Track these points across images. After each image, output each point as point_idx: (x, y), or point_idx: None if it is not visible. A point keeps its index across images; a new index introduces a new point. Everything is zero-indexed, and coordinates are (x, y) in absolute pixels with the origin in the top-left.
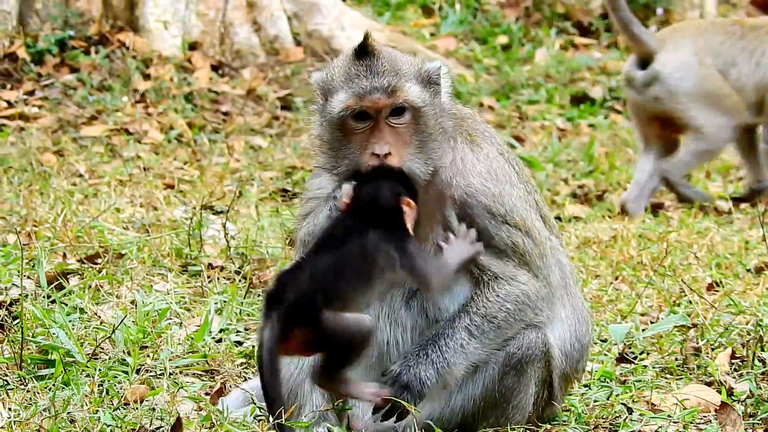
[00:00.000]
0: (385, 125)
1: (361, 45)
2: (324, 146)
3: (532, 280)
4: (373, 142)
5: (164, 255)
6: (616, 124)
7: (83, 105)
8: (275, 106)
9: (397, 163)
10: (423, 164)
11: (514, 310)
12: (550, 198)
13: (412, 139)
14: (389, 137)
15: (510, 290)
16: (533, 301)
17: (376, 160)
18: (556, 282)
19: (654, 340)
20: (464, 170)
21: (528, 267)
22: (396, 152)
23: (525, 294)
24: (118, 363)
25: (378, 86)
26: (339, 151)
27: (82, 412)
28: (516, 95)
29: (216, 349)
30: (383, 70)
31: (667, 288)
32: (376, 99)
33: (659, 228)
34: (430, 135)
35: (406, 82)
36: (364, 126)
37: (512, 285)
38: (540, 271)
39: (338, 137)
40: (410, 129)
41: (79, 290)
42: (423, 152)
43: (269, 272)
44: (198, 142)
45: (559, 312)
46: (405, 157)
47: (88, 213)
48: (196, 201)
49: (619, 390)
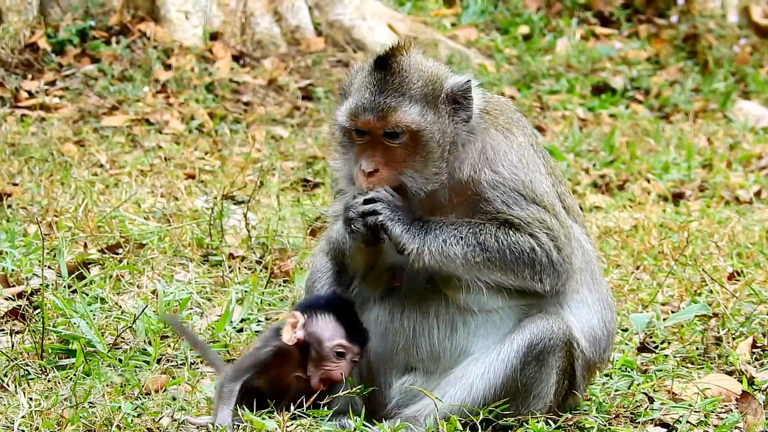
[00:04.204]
0: (379, 143)
1: (382, 57)
2: (335, 144)
3: (549, 245)
4: (364, 158)
5: (185, 245)
6: (636, 114)
7: (104, 95)
8: (296, 96)
9: (383, 182)
10: (419, 181)
11: (513, 258)
12: (571, 188)
13: (410, 159)
14: (380, 156)
15: (520, 238)
16: (538, 263)
17: (364, 177)
18: (578, 265)
19: (675, 330)
20: (494, 159)
21: (552, 239)
22: (386, 170)
23: (533, 250)
24: (139, 353)
25: (372, 108)
26: (344, 154)
27: (103, 401)
28: (537, 85)
29: (237, 338)
30: (389, 88)
31: (688, 277)
32: (367, 120)
33: (680, 217)
34: (430, 154)
35: (406, 106)
36: (362, 140)
37: (525, 237)
38: (563, 246)
39: (343, 142)
40: (407, 149)
41: (100, 280)
42: (421, 170)
43: (290, 262)
44: (219, 132)
45: (585, 297)
46: (395, 174)
47: (109, 203)
48: (217, 191)
49: (640, 379)
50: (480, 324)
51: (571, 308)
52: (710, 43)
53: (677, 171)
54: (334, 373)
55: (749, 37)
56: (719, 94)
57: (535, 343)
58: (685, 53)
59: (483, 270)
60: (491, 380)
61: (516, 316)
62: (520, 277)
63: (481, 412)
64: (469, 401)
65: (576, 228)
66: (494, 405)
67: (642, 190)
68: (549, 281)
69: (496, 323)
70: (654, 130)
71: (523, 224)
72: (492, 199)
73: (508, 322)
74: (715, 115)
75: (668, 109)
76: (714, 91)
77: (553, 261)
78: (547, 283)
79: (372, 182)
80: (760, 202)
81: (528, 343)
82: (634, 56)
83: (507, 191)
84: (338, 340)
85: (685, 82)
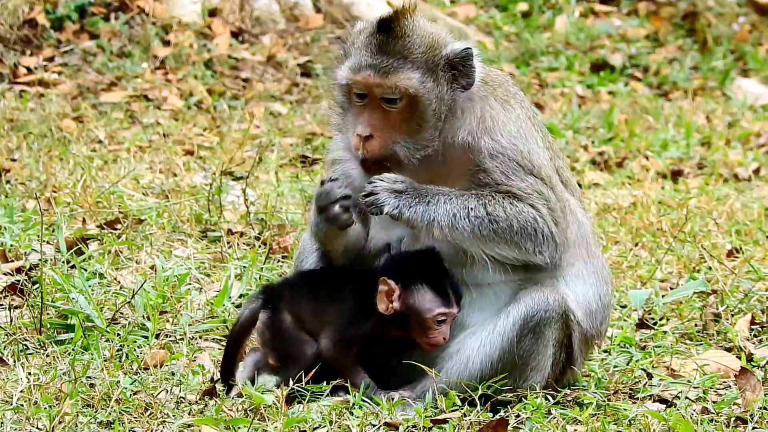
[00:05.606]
0: (377, 107)
1: (386, 19)
2: (334, 106)
3: (549, 217)
4: (360, 121)
5: (184, 221)
6: (635, 91)
7: (103, 71)
8: (295, 72)
9: (377, 148)
10: (411, 149)
11: (517, 228)
12: (570, 165)
13: (406, 125)
14: (377, 120)
15: (523, 209)
16: (539, 234)
17: (359, 141)
18: (573, 238)
19: (674, 306)
20: (493, 128)
21: (550, 211)
22: (380, 136)
23: (535, 221)
24: (138, 328)
25: (373, 65)
26: (343, 115)
27: (101, 376)
28: (536, 62)
29: (236, 314)
30: (392, 50)
31: (687, 254)
32: (367, 77)
33: (679, 195)
34: (426, 122)
35: (408, 70)
36: (361, 102)
37: (527, 207)
38: (559, 219)
39: (342, 103)
40: (404, 115)
41: (98, 256)
42: (415, 138)
43: (289, 238)
44: (218, 108)
45: (580, 270)
46: (389, 142)
47: (108, 179)
48: (216, 167)
49: (639, 355)
50: (476, 298)
51: (566, 281)
52: (709, 21)
53: (676, 148)
54: (437, 339)
55: (748, 15)
56: (718, 72)
57: (531, 315)
58: (684, 31)
59: (488, 242)
60: (488, 353)
61: (512, 289)
62: (522, 249)
63: (479, 387)
64: (466, 375)
65: (573, 201)
66: (492, 380)
67: (641, 168)
68: (548, 253)
69: (492, 297)
70: (653, 108)
71: (523, 195)
72: (491, 170)
73: (504, 295)
74: (714, 92)
75: (667, 87)
76: (713, 69)
77: (552, 233)
78: (546, 255)
79: (366, 149)
80: (759, 179)
81: (524, 316)
82: (633, 34)
83: (506, 161)
84: (438, 309)
85: (684, 60)
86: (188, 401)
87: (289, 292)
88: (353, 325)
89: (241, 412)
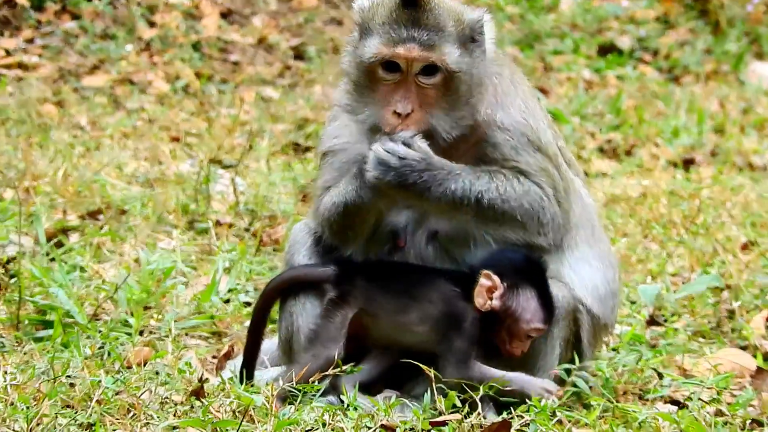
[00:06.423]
0: (413, 82)
1: None
2: (350, 86)
3: (553, 198)
4: (397, 98)
5: (170, 211)
6: (645, 75)
7: (85, 54)
8: (287, 55)
9: (416, 124)
10: (448, 125)
11: (526, 208)
12: (577, 152)
13: (441, 101)
14: (415, 96)
15: (531, 188)
16: (545, 214)
17: (397, 119)
18: (576, 220)
19: (686, 302)
20: (504, 102)
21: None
22: (419, 113)
23: (541, 200)
24: (121, 324)
25: (416, 38)
26: (363, 97)
27: (82, 375)
28: (540, 45)
29: (224, 310)
30: (426, 23)
31: (700, 247)
32: (410, 50)
33: (691, 185)
34: (460, 98)
35: (447, 43)
36: (392, 78)
37: (534, 186)
38: (563, 200)
39: (365, 83)
40: (439, 91)
41: (79, 248)
42: (450, 114)
43: (280, 229)
44: (206, 92)
45: (585, 254)
46: (428, 118)
47: (90, 167)
48: (204, 155)
49: (649, 354)
50: None
51: (570, 264)
52: (722, 2)
53: (688, 136)
54: (516, 351)
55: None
56: (731, 56)
57: None
58: (695, 12)
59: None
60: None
61: None
62: (527, 230)
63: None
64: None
65: (577, 181)
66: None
67: (651, 156)
68: (552, 235)
69: None
70: (663, 93)
71: (530, 172)
72: (501, 143)
73: None
74: (728, 77)
75: (678, 71)
76: (726, 52)
77: (555, 214)
78: (550, 237)
79: (406, 125)
80: None
81: None
82: (642, 15)
83: (516, 135)
84: (536, 324)
85: (695, 43)
86: (173, 402)
87: (364, 283)
88: (457, 333)
89: (229, 413)
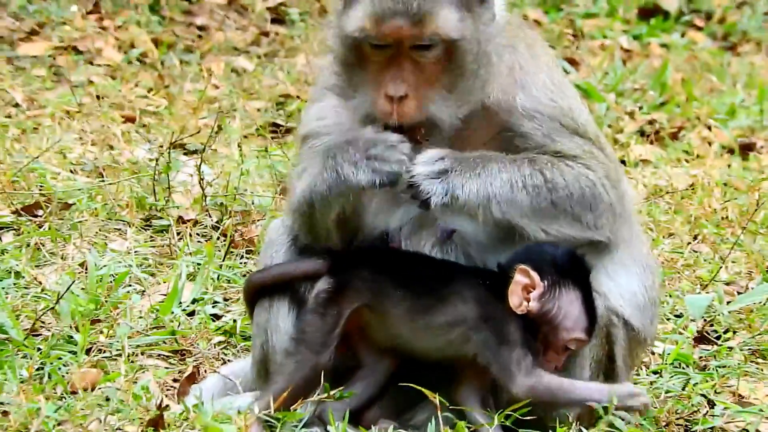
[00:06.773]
0: (407, 59)
1: None
2: (336, 64)
3: (607, 182)
4: (388, 79)
5: (122, 206)
6: (695, 44)
7: (21, 16)
8: (264, 18)
9: (413, 110)
10: (452, 109)
11: (578, 196)
12: (612, 136)
13: (441, 78)
14: (410, 75)
15: (581, 171)
16: (600, 203)
17: (389, 105)
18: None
19: (742, 316)
20: (526, 81)
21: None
22: (415, 95)
23: (594, 185)
24: (64, 341)
25: (404, 11)
26: (352, 76)
27: (17, 401)
28: (569, 7)
29: (187, 324)
30: None
31: (759, 250)
32: (397, 27)
33: (749, 175)
34: (465, 72)
35: (441, 9)
36: (382, 55)
37: (584, 170)
38: (617, 185)
39: (352, 61)
40: (440, 65)
41: (14, 249)
42: (454, 94)
43: (255, 228)
44: (166, 63)
45: (621, 255)
46: (427, 101)
47: (27, 152)
48: (164, 138)
49: (698, 378)
50: None
51: (607, 270)
52: None
53: (746, 116)
54: (550, 365)
55: None
56: None
57: None
58: None
59: (546, 216)
60: None
61: None
62: (581, 223)
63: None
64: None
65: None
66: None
67: (701, 140)
68: (608, 227)
69: None
70: (717, 65)
71: (576, 155)
72: (530, 133)
73: None
74: None
75: (735, 38)
76: None
77: (612, 201)
78: (606, 230)
79: (401, 113)
80: None
81: None
82: None
83: (546, 121)
84: (578, 333)
85: (756, 5)
86: None
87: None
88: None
89: None
